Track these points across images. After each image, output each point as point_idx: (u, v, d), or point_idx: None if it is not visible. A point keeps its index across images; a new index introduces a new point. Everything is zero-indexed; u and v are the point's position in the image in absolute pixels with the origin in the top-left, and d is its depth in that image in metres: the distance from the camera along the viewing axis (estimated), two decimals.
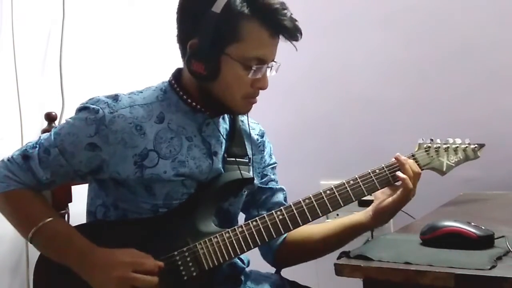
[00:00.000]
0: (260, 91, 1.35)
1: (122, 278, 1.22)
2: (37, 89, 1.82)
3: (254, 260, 1.54)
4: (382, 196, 1.41)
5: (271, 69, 1.33)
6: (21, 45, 1.76)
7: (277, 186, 1.54)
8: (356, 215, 1.45)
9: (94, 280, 1.26)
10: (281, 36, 1.31)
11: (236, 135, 1.45)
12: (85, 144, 1.31)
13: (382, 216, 1.42)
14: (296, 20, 1.30)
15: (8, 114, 1.74)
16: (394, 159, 1.41)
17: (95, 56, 1.98)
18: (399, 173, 1.38)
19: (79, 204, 1.49)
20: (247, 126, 1.48)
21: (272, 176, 1.55)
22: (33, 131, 1.75)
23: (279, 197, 1.53)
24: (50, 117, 1.75)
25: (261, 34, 1.28)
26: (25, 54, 1.78)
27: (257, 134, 1.52)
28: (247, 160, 1.45)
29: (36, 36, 1.83)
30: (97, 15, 2.00)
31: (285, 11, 1.29)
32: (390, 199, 1.39)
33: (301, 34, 1.31)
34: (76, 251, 1.28)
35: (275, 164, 1.57)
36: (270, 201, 1.52)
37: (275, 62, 1.34)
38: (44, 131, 1.70)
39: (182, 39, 1.33)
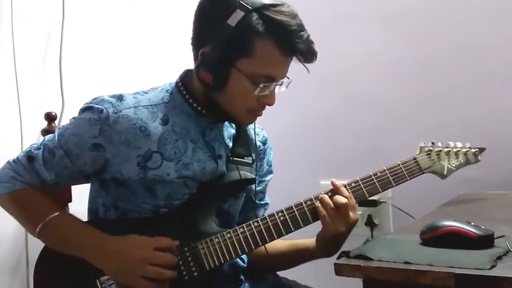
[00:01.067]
0: None
1: (144, 257, 1.23)
2: (37, 89, 1.82)
3: None
4: None
5: (280, 85, 1.32)
6: (21, 45, 1.76)
7: (261, 201, 1.54)
8: (307, 240, 1.43)
9: (112, 265, 1.26)
10: (295, 57, 1.30)
11: (242, 136, 1.45)
12: (89, 144, 1.30)
13: (324, 245, 1.37)
14: (312, 42, 1.28)
15: (8, 114, 1.74)
16: (396, 163, 1.40)
17: (95, 56, 1.97)
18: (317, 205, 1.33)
19: (79, 204, 1.49)
20: (251, 130, 1.47)
21: (263, 188, 1.54)
22: (33, 131, 1.75)
23: (259, 213, 1.52)
24: (50, 117, 1.74)
25: (274, 53, 1.27)
26: (25, 54, 1.78)
27: (260, 141, 1.52)
28: (250, 161, 1.45)
29: (35, 36, 1.83)
30: (97, 15, 2.00)
31: (302, 33, 1.26)
32: (319, 233, 1.35)
33: (316, 57, 1.29)
34: (88, 240, 1.29)
35: (271, 175, 1.56)
36: (248, 212, 1.49)
37: (287, 77, 1.32)
38: (44, 131, 1.70)
39: (196, 44, 1.33)
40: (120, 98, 1.33)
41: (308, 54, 1.28)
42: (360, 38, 2.23)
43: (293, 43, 1.26)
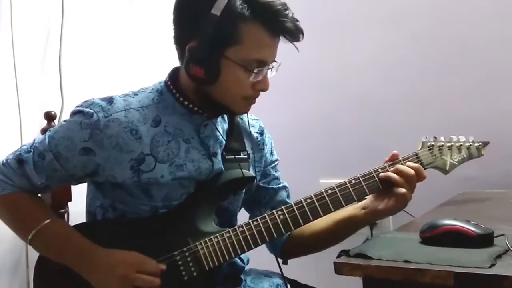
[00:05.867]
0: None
1: (125, 277, 1.22)
2: (37, 88, 1.82)
3: (254, 258, 1.54)
4: (379, 195, 1.36)
5: (271, 69, 1.32)
6: (20, 44, 1.76)
7: (279, 185, 1.54)
8: (348, 210, 1.40)
9: (95, 279, 1.26)
10: (282, 37, 1.30)
11: (234, 131, 1.45)
12: (79, 148, 1.30)
13: (377, 217, 1.39)
14: (297, 20, 1.28)
15: (8, 113, 1.74)
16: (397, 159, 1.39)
17: (94, 55, 1.97)
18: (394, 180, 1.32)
19: (78, 203, 1.49)
20: (246, 123, 1.47)
21: (275, 174, 1.54)
22: (32, 130, 1.75)
23: (282, 195, 1.53)
24: (50, 116, 1.74)
25: (262, 36, 1.26)
26: (24, 53, 1.78)
27: (257, 132, 1.51)
28: (246, 157, 1.44)
29: (35, 35, 1.83)
30: (97, 14, 2.00)
31: (287, 11, 1.26)
32: (383, 205, 1.33)
33: (302, 34, 1.29)
34: (76, 251, 1.29)
35: (277, 161, 1.56)
36: (274, 200, 1.51)
37: (275, 61, 1.32)
38: (43, 130, 1.70)
39: (180, 41, 1.32)
40: (110, 101, 1.32)
41: (295, 33, 1.28)
42: (360, 38, 2.23)
43: (280, 22, 1.25)
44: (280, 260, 1.48)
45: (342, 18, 2.25)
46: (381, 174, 1.33)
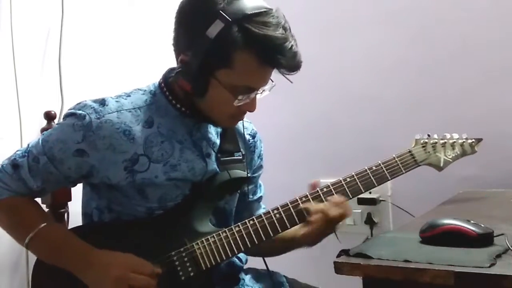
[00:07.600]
0: None
1: (120, 277, 1.22)
2: (36, 88, 1.82)
3: (252, 258, 1.54)
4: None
5: (262, 92, 1.30)
6: (20, 43, 1.76)
7: (255, 197, 1.55)
8: (292, 230, 1.38)
9: (89, 279, 1.26)
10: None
11: (228, 133, 1.45)
12: (73, 150, 1.29)
13: (300, 244, 1.39)
14: (296, 53, 1.24)
15: (8, 113, 1.74)
16: (391, 157, 1.40)
17: (94, 55, 1.97)
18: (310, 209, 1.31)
19: (78, 203, 1.48)
20: (240, 124, 1.47)
21: (256, 183, 1.55)
22: (32, 130, 1.75)
23: (255, 208, 1.55)
24: (49, 116, 1.74)
25: (254, 67, 1.23)
26: (24, 53, 1.78)
27: (249, 134, 1.51)
28: (240, 157, 1.44)
29: (35, 34, 1.83)
30: (97, 14, 2.00)
31: (285, 44, 1.21)
32: (305, 232, 1.33)
33: (299, 69, 1.25)
34: (72, 252, 1.29)
35: (262, 168, 1.57)
36: (246, 210, 1.51)
37: (271, 80, 1.30)
38: (43, 130, 1.70)
39: (176, 46, 1.31)
40: (102, 103, 1.31)
41: (291, 68, 1.25)
42: (358, 38, 2.23)
43: (275, 58, 1.22)
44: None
45: (341, 18, 2.25)
46: (301, 205, 1.33)
